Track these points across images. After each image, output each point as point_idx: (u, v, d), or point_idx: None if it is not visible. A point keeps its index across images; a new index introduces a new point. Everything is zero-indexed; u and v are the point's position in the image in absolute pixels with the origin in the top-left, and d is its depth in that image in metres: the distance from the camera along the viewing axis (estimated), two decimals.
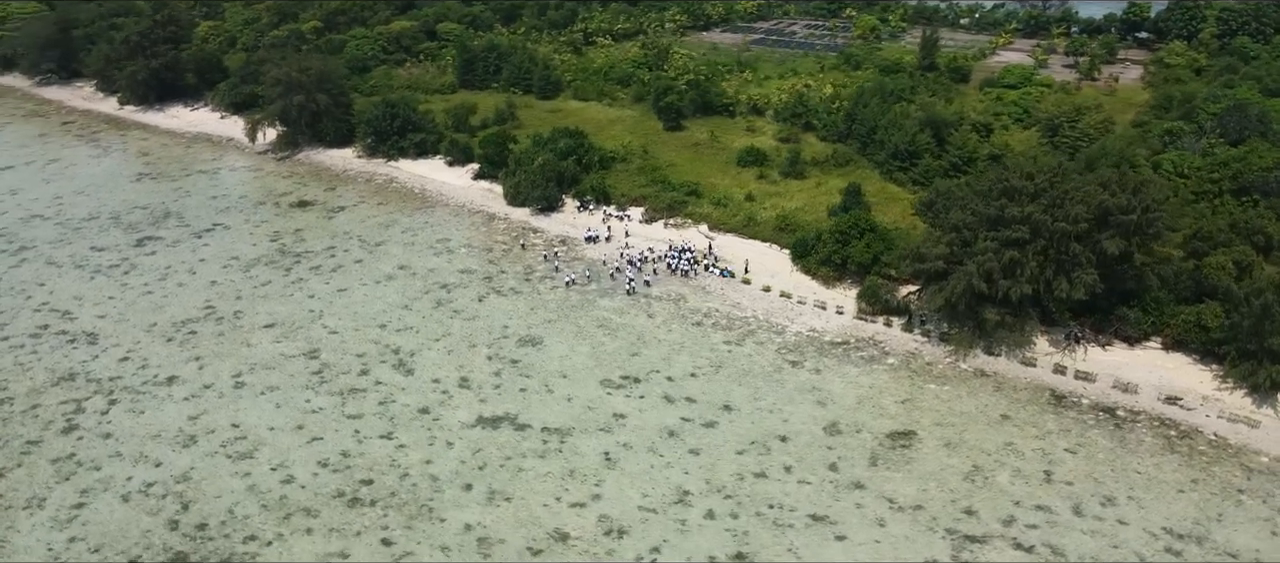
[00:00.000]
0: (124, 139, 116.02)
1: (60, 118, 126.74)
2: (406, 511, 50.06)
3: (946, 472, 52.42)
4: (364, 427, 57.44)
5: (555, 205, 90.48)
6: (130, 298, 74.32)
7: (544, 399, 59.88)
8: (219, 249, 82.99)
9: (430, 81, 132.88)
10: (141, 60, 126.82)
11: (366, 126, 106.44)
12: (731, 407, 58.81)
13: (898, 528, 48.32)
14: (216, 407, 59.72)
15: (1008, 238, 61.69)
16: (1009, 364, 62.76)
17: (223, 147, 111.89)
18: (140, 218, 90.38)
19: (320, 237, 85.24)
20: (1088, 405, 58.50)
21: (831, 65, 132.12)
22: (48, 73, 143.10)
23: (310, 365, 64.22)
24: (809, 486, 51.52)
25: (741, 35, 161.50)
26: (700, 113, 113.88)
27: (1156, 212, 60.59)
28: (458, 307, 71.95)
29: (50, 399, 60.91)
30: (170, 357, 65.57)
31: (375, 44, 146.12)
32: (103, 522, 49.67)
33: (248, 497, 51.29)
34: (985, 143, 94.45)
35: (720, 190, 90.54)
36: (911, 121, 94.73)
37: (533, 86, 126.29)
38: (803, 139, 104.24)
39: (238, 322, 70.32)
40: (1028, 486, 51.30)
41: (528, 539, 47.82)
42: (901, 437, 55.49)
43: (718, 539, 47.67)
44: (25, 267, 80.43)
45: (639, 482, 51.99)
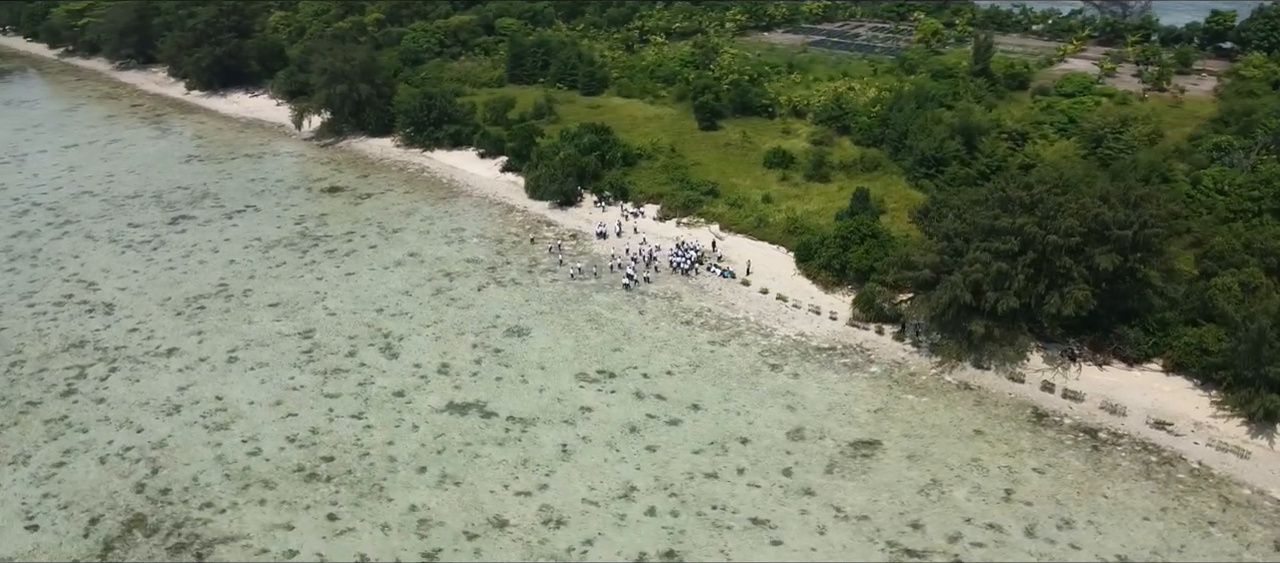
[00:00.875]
0: (184, 122, 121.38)
1: (131, 101, 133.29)
2: (358, 488, 51.38)
3: (902, 484, 51.22)
4: (339, 406, 59.10)
5: (573, 200, 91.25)
6: (152, 273, 77.88)
7: (516, 389, 60.62)
8: (245, 230, 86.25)
9: (479, 75, 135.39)
10: (207, 48, 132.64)
11: (405, 117, 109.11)
12: (700, 406, 58.54)
13: (837, 537, 47.47)
14: (206, 379, 62.22)
15: (996, 249, 59.85)
16: (996, 379, 60.88)
17: (273, 132, 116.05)
18: (180, 197, 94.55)
19: (343, 222, 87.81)
20: (1069, 425, 56.37)
21: (885, 69, 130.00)
22: (127, 58, 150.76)
23: (302, 345, 66.33)
24: (758, 489, 50.99)
25: (802, 36, 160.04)
26: (739, 113, 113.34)
27: (1154, 227, 57.97)
28: (456, 295, 73.29)
29: (58, 364, 64.36)
30: (175, 330, 68.54)
31: (432, 37, 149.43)
32: (77, 481, 52.33)
33: (214, 466, 53.36)
34: (1017, 152, 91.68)
35: (738, 191, 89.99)
36: (941, 127, 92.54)
37: (577, 82, 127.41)
38: (838, 142, 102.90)
39: (246, 300, 73.04)
40: (984, 503, 49.76)
41: (466, 524, 48.57)
42: (865, 446, 54.41)
43: (653, 536, 47.61)
44: (66, 239, 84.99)
45: (589, 475, 52.24)
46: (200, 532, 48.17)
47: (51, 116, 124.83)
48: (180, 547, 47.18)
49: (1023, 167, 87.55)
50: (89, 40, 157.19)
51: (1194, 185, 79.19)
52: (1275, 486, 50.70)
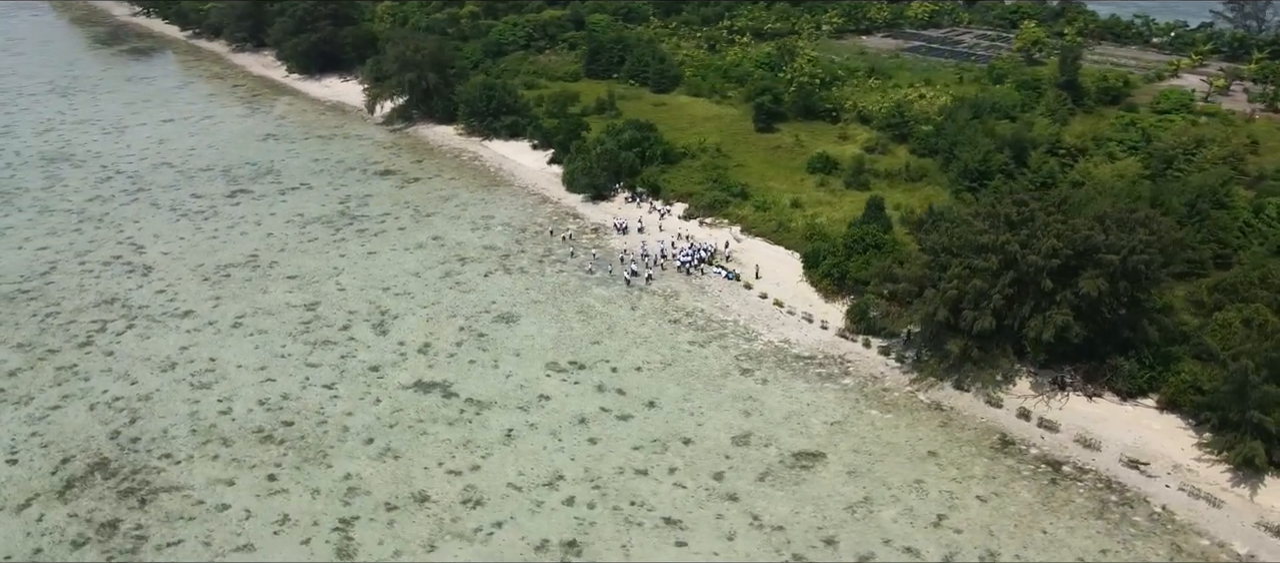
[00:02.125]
0: (274, 103, 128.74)
1: (235, 81, 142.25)
2: (305, 453, 53.88)
3: (832, 499, 49.90)
4: (315, 375, 62.00)
5: (606, 194, 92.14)
6: (196, 241, 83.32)
7: (485, 373, 62.08)
8: (292, 206, 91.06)
9: (556, 69, 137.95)
10: (305, 34, 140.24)
11: (465, 106, 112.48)
12: (656, 404, 58.51)
13: (744, 545, 46.75)
14: (207, 341, 66.34)
15: (975, 266, 57.35)
16: (972, 401, 58.36)
17: (350, 116, 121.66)
18: (245, 173, 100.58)
19: (383, 204, 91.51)
20: (1033, 455, 53.54)
21: (972, 77, 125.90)
22: (241, 41, 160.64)
23: (304, 316, 69.75)
24: (682, 490, 50.69)
25: (901, 41, 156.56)
26: (803, 117, 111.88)
27: (1142, 254, 54.25)
28: (462, 279, 75.43)
29: (86, 317, 69.89)
30: (196, 294, 73.24)
31: (521, 30, 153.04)
32: (64, 425, 56.89)
33: (185, 421, 56.99)
34: (1071, 169, 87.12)
35: (771, 194, 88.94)
36: (986, 139, 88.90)
37: (648, 79, 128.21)
38: (893, 151, 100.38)
39: (269, 271, 77.28)
40: (910, 526, 47.95)
41: (391, 496, 50.27)
42: (807, 457, 53.23)
43: (561, 525, 48.08)
44: (133, 205, 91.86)
45: (523, 461, 53.12)
46: (151, 480, 51.65)
47: (161, 93, 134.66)
48: (129, 492, 50.72)
49: (1074, 184, 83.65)
50: (212, 23, 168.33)
51: (1256, 214, 73.57)
52: (1238, 540, 46.86)
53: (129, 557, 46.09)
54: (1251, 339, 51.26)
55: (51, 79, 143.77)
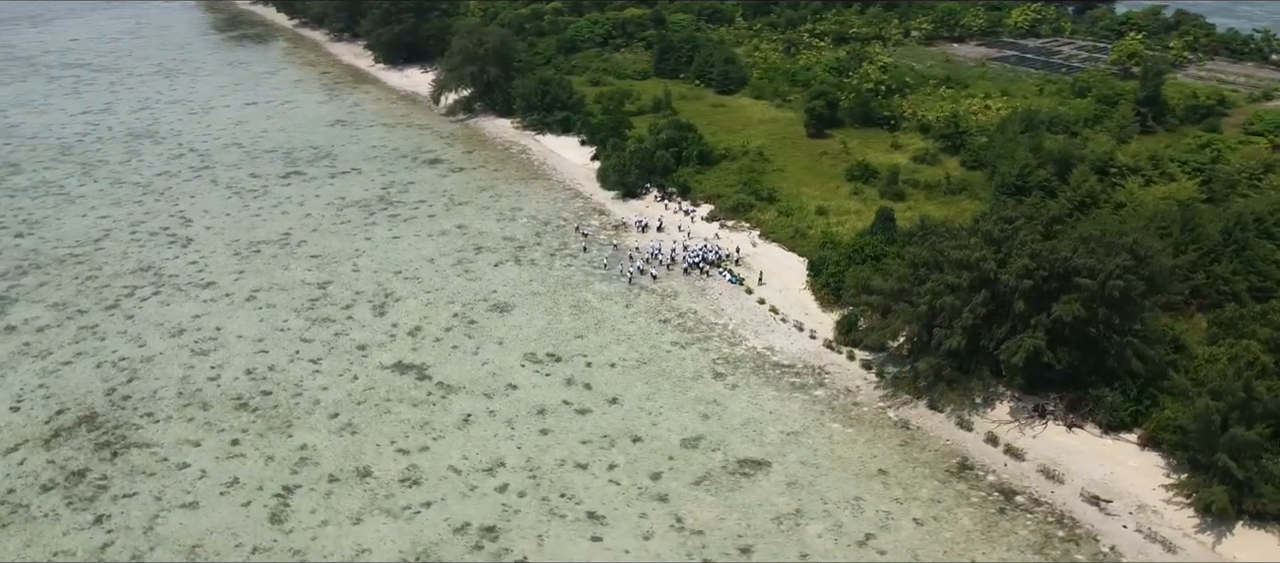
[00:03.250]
0: (352, 92, 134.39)
1: (324, 68, 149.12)
2: (271, 422, 56.54)
3: (762, 508, 49.18)
4: (305, 350, 64.85)
5: (637, 192, 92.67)
6: (240, 217, 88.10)
7: (463, 359, 63.64)
8: (338, 189, 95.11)
9: (627, 66, 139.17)
10: (389, 25, 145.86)
11: (521, 100, 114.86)
12: (618, 401, 58.82)
13: (659, 545, 46.61)
14: (219, 312, 70.21)
15: (949, 282, 55.36)
16: (942, 422, 56.40)
17: (419, 106, 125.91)
18: (305, 156, 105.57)
19: (422, 191, 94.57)
20: (989, 483, 51.41)
21: (1054, 90, 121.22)
22: (338, 30, 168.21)
23: (313, 294, 72.96)
24: (616, 487, 50.89)
25: (994, 50, 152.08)
26: (860, 124, 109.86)
27: (1120, 279, 51.23)
28: (472, 268, 77.35)
29: (120, 282, 74.99)
30: (223, 267, 77.52)
31: (601, 27, 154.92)
32: (70, 379, 61.35)
33: (175, 384, 60.60)
34: (1116, 189, 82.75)
35: (799, 201, 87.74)
36: (1029, 153, 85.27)
37: (713, 80, 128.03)
38: (944, 162, 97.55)
39: (296, 249, 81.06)
40: (833, 543, 46.84)
41: (337, 469, 52.27)
42: (752, 465, 52.57)
43: (487, 510, 48.99)
44: (194, 182, 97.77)
45: (471, 445, 54.32)
46: (128, 436, 55.22)
47: (253, 77, 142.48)
48: (105, 445, 54.39)
49: (1118, 205, 79.68)
50: (315, 13, 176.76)
51: None
52: None
53: (86, 503, 49.50)
54: (1226, 377, 47.74)
55: (161, 61, 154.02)
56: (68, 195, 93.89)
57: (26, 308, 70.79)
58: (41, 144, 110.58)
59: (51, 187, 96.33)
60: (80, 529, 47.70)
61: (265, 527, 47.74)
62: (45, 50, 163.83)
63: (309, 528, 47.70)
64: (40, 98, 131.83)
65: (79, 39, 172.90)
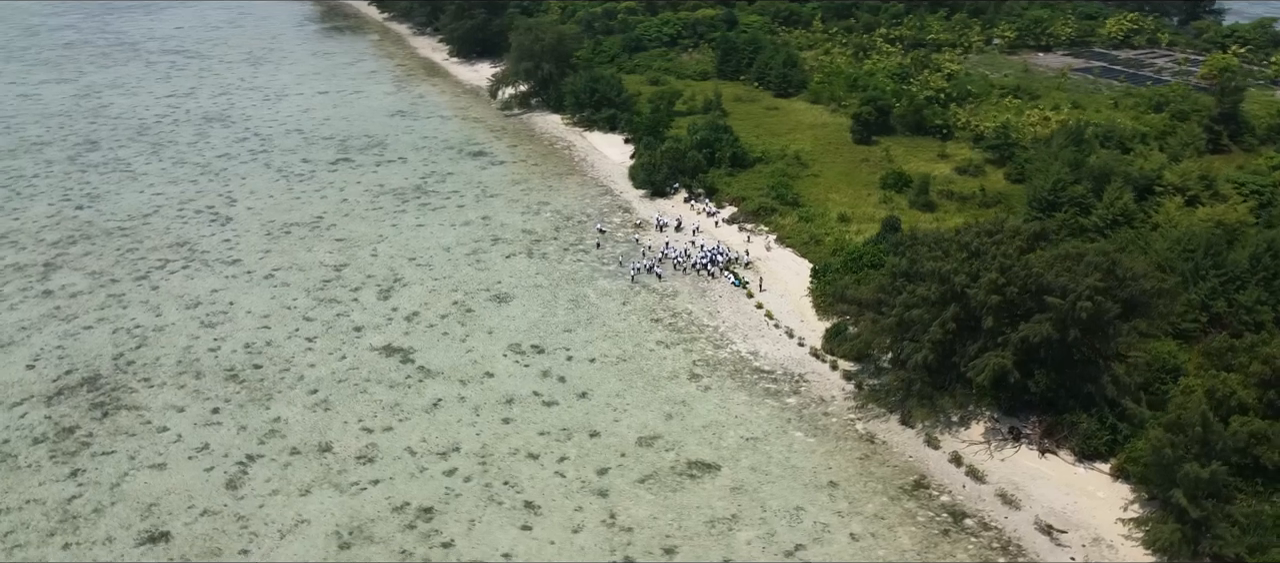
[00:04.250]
0: (421, 84, 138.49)
1: (399, 61, 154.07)
2: (254, 394, 59.16)
3: (699, 511, 48.90)
4: (305, 329, 67.51)
5: (665, 191, 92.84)
6: (281, 200, 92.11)
7: (450, 346, 65.16)
8: (380, 177, 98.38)
9: (688, 67, 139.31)
10: (461, 20, 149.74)
11: (571, 97, 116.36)
12: (587, 395, 59.31)
13: (585, 539, 46.91)
14: (236, 288, 73.66)
15: (918, 294, 53.84)
16: (910, 439, 54.90)
17: (479, 99, 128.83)
18: (358, 143, 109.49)
19: (458, 182, 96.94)
20: (941, 503, 49.85)
21: (1130, 104, 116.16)
22: (421, 24, 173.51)
23: (327, 276, 75.79)
24: (561, 479, 51.39)
25: (1081, 60, 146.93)
26: (911, 131, 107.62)
27: (1090, 299, 48.84)
28: (484, 258, 79.00)
29: (155, 255, 79.46)
30: (252, 246, 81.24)
31: (671, 27, 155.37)
32: (85, 343, 65.46)
33: (176, 353, 64.00)
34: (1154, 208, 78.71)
35: (824, 207, 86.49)
36: (1062, 167, 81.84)
37: (771, 83, 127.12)
38: (989, 173, 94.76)
39: (324, 233, 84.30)
40: (761, 551, 46.22)
41: (301, 442, 54.34)
42: (702, 467, 52.30)
43: (429, 492, 50.14)
44: (249, 164, 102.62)
45: (433, 429, 55.66)
46: (122, 398, 58.68)
47: (332, 67, 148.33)
48: (99, 405, 57.94)
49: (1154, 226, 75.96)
50: (404, 6, 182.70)
51: None
52: None
53: (67, 458, 52.89)
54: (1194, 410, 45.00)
55: (252, 49, 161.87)
56: (132, 172, 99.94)
57: (67, 275, 75.80)
58: (123, 124, 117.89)
59: (120, 164, 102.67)
60: (55, 481, 51.03)
61: (220, 491, 50.10)
62: (150, 37, 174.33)
63: (259, 496, 49.82)
64: (134, 81, 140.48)
65: (183, 27, 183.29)
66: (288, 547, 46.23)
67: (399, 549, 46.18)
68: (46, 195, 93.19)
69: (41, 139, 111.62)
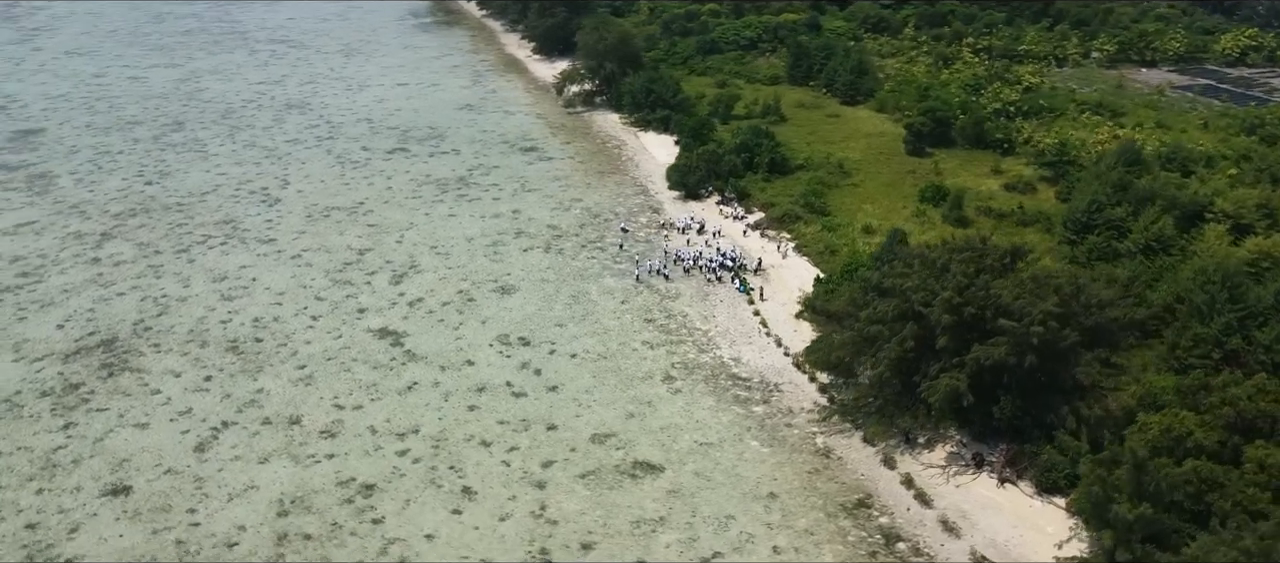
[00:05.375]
0: (497, 79, 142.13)
1: (484, 56, 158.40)
2: (247, 366, 62.45)
3: (628, 511, 49.02)
4: (313, 307, 70.68)
5: (698, 194, 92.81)
6: (331, 185, 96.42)
7: (442, 333, 67.08)
8: (428, 167, 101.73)
9: (758, 71, 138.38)
10: (542, 19, 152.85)
11: (629, 96, 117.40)
12: (557, 389, 60.17)
13: (509, 528, 47.61)
14: (263, 265, 77.66)
15: (879, 310, 52.49)
16: (868, 457, 53.60)
17: (547, 96, 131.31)
18: (418, 135, 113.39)
19: (501, 176, 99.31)
20: (877, 524, 48.55)
21: (1221, 125, 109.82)
22: (512, 21, 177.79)
23: (350, 258, 79.00)
24: (505, 468, 52.40)
25: (1185, 77, 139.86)
26: (972, 144, 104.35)
27: (1042, 326, 46.59)
28: (501, 250, 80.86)
29: (201, 231, 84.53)
30: (290, 227, 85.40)
31: (752, 30, 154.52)
32: (114, 308, 70.36)
33: (190, 323, 68.07)
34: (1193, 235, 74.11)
35: (851, 217, 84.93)
36: (1102, 187, 77.91)
37: (837, 89, 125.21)
38: (1040, 191, 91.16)
39: (359, 217, 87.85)
40: (676, 556, 45.96)
41: (273, 413, 57.03)
42: (646, 468, 52.42)
43: (376, 469, 51.86)
44: (313, 150, 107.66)
45: (400, 410, 57.53)
46: (129, 361, 62.96)
47: (418, 61, 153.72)
48: (107, 366, 62.32)
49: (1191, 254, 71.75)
50: (499, 5, 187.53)
51: None
52: None
53: (65, 412, 57.19)
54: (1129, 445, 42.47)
55: (349, 42, 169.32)
56: (205, 153, 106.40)
57: (118, 244, 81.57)
58: (211, 107, 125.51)
59: (197, 144, 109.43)
60: (48, 432, 55.29)
61: (187, 453, 53.26)
62: (261, 27, 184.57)
63: (221, 461, 52.71)
64: (233, 68, 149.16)
65: (294, 18, 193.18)
66: (231, 510, 48.81)
67: (331, 521, 48.13)
68: (123, 171, 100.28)
69: (135, 119, 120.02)
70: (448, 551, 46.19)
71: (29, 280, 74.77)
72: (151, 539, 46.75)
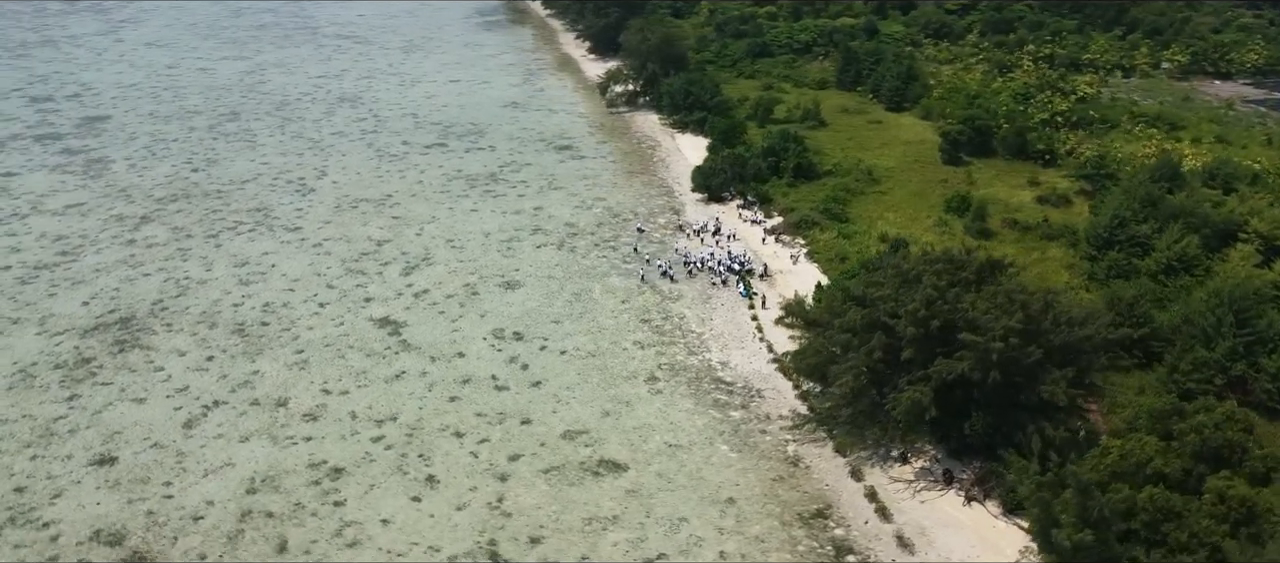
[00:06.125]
0: (548, 78, 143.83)
1: (541, 54, 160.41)
2: (248, 349, 64.74)
3: (582, 509, 49.32)
4: (323, 295, 72.82)
5: (721, 196, 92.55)
6: (364, 177, 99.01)
7: (439, 325, 68.37)
8: (461, 163, 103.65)
9: (806, 75, 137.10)
10: (597, 19, 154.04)
11: (667, 98, 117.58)
12: (540, 385, 60.85)
13: (464, 517, 48.27)
14: (284, 253, 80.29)
15: (849, 320, 51.73)
16: (837, 467, 52.88)
17: (594, 95, 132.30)
18: (459, 130, 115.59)
19: (530, 173, 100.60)
20: (831, 537, 47.87)
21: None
22: (573, 21, 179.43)
23: (368, 249, 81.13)
24: (473, 459, 53.18)
25: (1261, 91, 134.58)
26: (1012, 154, 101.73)
27: (1002, 342, 45.28)
28: (515, 246, 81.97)
29: (234, 217, 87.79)
30: (317, 217, 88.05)
31: (807, 33, 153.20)
32: (139, 287, 73.60)
33: (206, 305, 70.84)
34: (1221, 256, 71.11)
35: (868, 224, 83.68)
36: (1128, 201, 75.28)
37: (883, 95, 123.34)
38: (1077, 205, 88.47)
39: (385, 210, 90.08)
40: (621, 556, 46.11)
41: (263, 395, 59.00)
42: (609, 466, 52.67)
43: (349, 454, 53.20)
44: (355, 142, 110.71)
45: (383, 398, 58.91)
46: (140, 339, 65.91)
47: (475, 58, 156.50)
48: (120, 341, 65.38)
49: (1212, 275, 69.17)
50: (562, 5, 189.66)
51: None
52: None
53: (73, 384, 60.25)
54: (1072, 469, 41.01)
55: (411, 38, 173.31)
56: (253, 143, 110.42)
57: (154, 228, 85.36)
58: (268, 99, 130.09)
59: (247, 135, 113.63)
60: (53, 401, 58.37)
61: (175, 429, 55.57)
62: (332, 22, 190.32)
63: (204, 438, 54.86)
64: (297, 62, 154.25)
65: (364, 15, 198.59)
66: (204, 485, 50.78)
67: (295, 501, 49.67)
68: (174, 158, 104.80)
69: (196, 108, 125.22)
70: (399, 536, 47.23)
71: (66, 259, 78.84)
72: (125, 508, 48.95)
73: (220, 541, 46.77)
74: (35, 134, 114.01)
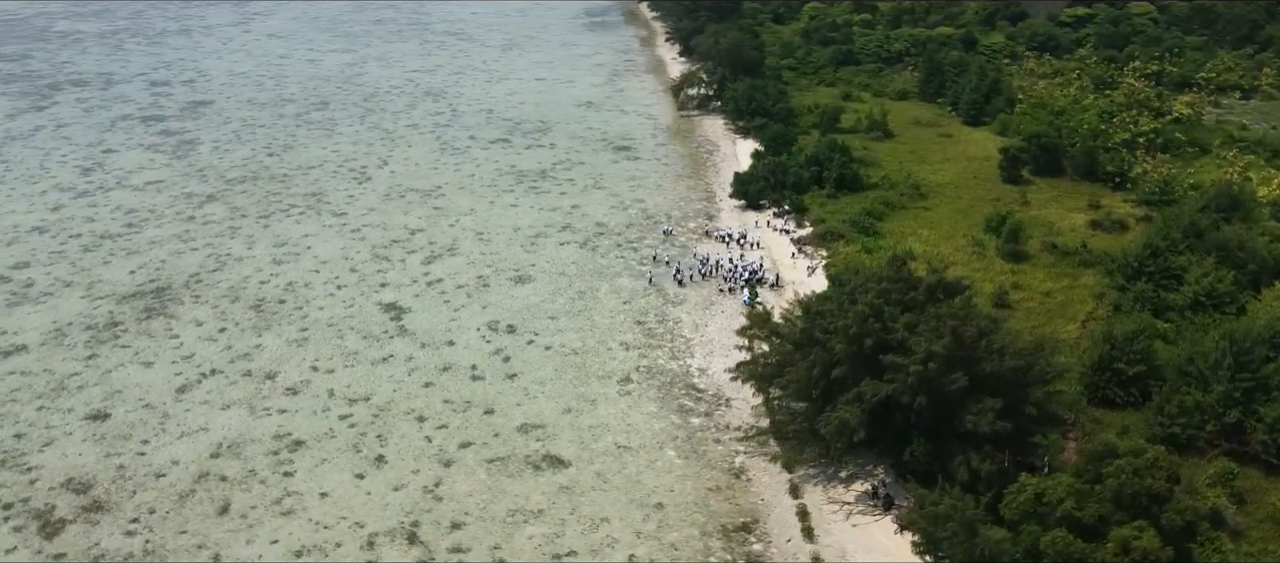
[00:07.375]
0: (631, 80, 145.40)
1: (633, 56, 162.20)
2: (259, 324, 68.72)
3: (511, 500, 50.25)
4: (343, 277, 76.47)
5: (758, 204, 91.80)
6: (422, 169, 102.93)
7: (439, 313, 70.70)
8: (516, 159, 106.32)
9: (888, 85, 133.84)
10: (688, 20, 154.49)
11: (731, 103, 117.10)
12: (515, 377, 62.24)
13: (400, 498, 49.95)
14: (322, 236, 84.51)
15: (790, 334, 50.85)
16: (777, 483, 52.06)
17: (667, 96, 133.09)
18: (527, 127, 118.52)
19: (581, 172, 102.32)
20: (748, 552, 47.22)
21: None
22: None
23: (401, 237, 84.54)
24: (426, 443, 55.01)
25: None
26: (1082, 175, 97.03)
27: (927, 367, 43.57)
28: (540, 243, 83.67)
29: (289, 200, 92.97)
30: (364, 204, 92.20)
31: (899, 43, 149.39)
32: (182, 260, 78.91)
33: (235, 281, 75.51)
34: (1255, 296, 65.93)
35: (897, 239, 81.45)
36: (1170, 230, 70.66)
37: (961, 107, 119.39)
38: (1134, 231, 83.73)
39: (429, 201, 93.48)
40: (535, 550, 46.91)
41: (257, 368, 62.58)
42: (553, 462, 53.53)
43: (313, 428, 55.84)
44: (425, 136, 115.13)
45: (364, 379, 61.58)
46: (168, 307, 71.01)
47: (568, 58, 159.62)
48: (149, 310, 70.62)
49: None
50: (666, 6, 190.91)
51: None
52: None
53: (96, 345, 65.61)
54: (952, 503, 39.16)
55: (514, 36, 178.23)
56: (331, 132, 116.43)
57: (215, 207, 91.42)
58: (360, 91, 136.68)
59: (329, 124, 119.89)
60: (75, 358, 63.77)
61: (168, 393, 59.80)
62: (444, 20, 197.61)
63: (191, 403, 58.83)
64: (399, 56, 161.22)
65: (477, 13, 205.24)
66: (175, 446, 54.54)
67: (249, 468, 52.72)
68: (255, 142, 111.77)
69: (292, 97, 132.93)
70: (331, 510, 49.51)
71: (130, 230, 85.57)
72: (102, 461, 53.15)
73: (172, 498, 50.18)
74: (143, 115, 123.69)
